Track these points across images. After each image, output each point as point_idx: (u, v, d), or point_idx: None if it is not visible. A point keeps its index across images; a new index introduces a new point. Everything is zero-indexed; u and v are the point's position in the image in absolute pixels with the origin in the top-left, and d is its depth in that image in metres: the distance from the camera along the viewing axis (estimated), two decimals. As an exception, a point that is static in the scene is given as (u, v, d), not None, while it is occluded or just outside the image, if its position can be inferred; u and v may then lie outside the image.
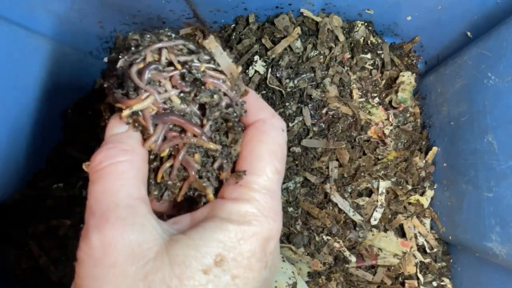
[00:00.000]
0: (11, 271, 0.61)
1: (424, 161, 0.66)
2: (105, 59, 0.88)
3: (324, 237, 0.62)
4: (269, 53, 0.67)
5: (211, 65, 0.29)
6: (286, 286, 0.55)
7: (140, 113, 0.27)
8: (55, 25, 0.67)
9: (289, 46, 0.67)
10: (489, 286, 0.55)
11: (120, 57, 0.29)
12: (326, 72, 0.67)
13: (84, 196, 0.70)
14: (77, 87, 0.75)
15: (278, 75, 0.66)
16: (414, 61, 0.73)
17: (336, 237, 0.62)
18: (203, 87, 0.28)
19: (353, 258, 0.62)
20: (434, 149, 0.66)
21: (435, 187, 0.65)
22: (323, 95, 0.66)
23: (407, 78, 0.69)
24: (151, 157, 0.29)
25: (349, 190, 0.65)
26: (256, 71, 0.67)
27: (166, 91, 0.27)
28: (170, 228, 0.27)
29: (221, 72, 0.30)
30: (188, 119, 0.28)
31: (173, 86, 0.28)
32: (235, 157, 0.30)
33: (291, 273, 0.57)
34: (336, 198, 0.63)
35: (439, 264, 0.63)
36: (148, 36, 0.29)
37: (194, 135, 0.28)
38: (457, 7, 0.60)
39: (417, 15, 0.65)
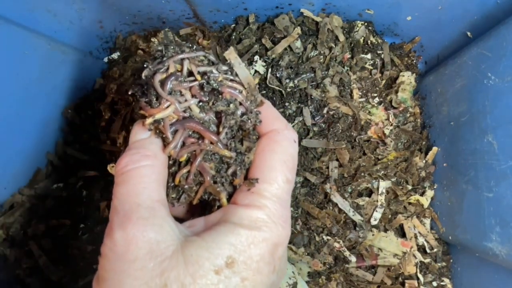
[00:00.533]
0: (11, 271, 0.61)
1: (424, 161, 0.66)
2: (105, 59, 0.89)
3: (324, 237, 0.62)
4: (269, 53, 0.67)
5: (229, 76, 0.31)
6: (287, 286, 0.55)
7: (161, 121, 0.29)
8: (55, 25, 0.67)
9: (289, 46, 0.67)
10: (489, 286, 0.55)
11: (145, 66, 0.30)
12: (326, 72, 0.67)
13: (84, 196, 0.70)
14: (77, 87, 0.75)
15: (278, 75, 0.66)
16: (414, 61, 0.73)
17: (336, 237, 0.62)
18: (220, 96, 0.30)
19: (353, 258, 0.62)
20: (434, 149, 0.66)
21: (435, 187, 0.65)
22: (323, 95, 0.66)
23: (407, 78, 0.69)
24: (170, 162, 0.31)
25: (349, 190, 0.65)
26: (256, 71, 0.67)
27: (186, 100, 0.29)
28: (185, 230, 0.28)
29: (238, 82, 0.31)
30: (206, 127, 0.30)
31: (193, 96, 0.29)
32: (248, 164, 0.31)
33: (291, 273, 0.57)
34: (336, 198, 0.63)
35: (439, 264, 0.63)
36: (172, 47, 0.31)
37: (211, 142, 0.29)
38: (457, 7, 0.60)
39: (417, 15, 0.65)
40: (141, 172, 0.27)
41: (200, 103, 0.30)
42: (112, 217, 0.26)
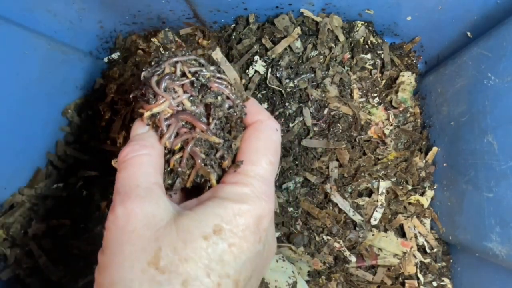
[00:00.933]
0: (11, 271, 0.61)
1: (424, 161, 0.66)
2: (105, 59, 0.88)
3: (324, 237, 0.62)
4: (269, 53, 0.67)
5: (216, 74, 0.35)
6: (286, 285, 0.55)
7: (157, 115, 0.33)
8: (55, 25, 0.67)
9: (289, 46, 0.67)
10: (489, 286, 0.55)
11: (144, 69, 0.35)
12: (326, 72, 0.67)
13: (84, 196, 0.70)
14: (77, 87, 0.75)
15: (278, 75, 0.66)
16: (414, 61, 0.73)
17: (336, 237, 0.62)
18: (208, 90, 0.34)
19: (353, 258, 0.62)
20: (434, 149, 0.66)
21: (435, 187, 0.65)
22: (323, 95, 0.66)
23: (407, 78, 0.69)
24: (166, 151, 0.34)
25: (349, 190, 0.65)
26: (256, 71, 0.67)
27: (178, 96, 0.33)
28: (179, 208, 0.32)
29: (225, 79, 0.35)
30: (197, 117, 0.33)
31: (185, 92, 0.33)
32: (235, 150, 0.35)
33: (291, 272, 0.57)
34: (336, 198, 0.63)
35: (439, 264, 0.63)
36: (167, 53, 0.35)
37: (201, 131, 0.33)
38: (457, 7, 0.60)
39: (417, 15, 0.65)
40: (140, 159, 0.31)
41: (191, 98, 0.33)
42: (115, 197, 0.30)
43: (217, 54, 0.36)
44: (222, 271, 0.27)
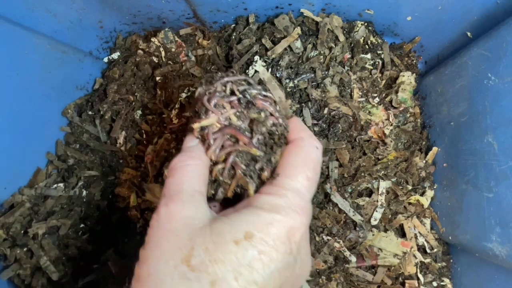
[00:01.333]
0: (11, 271, 0.61)
1: (424, 161, 0.66)
2: (105, 59, 0.88)
3: (324, 237, 0.62)
4: (269, 53, 0.67)
5: (262, 92, 0.37)
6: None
7: (206, 129, 0.36)
8: (55, 25, 0.67)
9: (289, 46, 0.67)
10: (489, 286, 0.55)
11: (199, 87, 0.38)
12: (326, 72, 0.67)
13: (84, 196, 0.70)
14: (77, 87, 0.75)
15: (278, 75, 0.66)
16: (414, 61, 0.73)
17: (336, 237, 0.62)
18: (254, 107, 0.36)
19: (353, 258, 0.62)
20: (434, 149, 0.66)
21: (435, 187, 0.65)
22: (323, 95, 0.66)
23: (407, 78, 0.69)
24: (211, 163, 0.37)
25: (349, 190, 0.65)
26: (256, 71, 0.67)
27: (226, 111, 0.36)
28: (217, 215, 0.34)
29: (270, 97, 0.38)
30: (241, 132, 0.36)
31: (232, 108, 0.36)
32: (275, 164, 0.37)
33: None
34: (336, 198, 0.63)
35: (439, 264, 0.63)
36: (219, 73, 0.39)
37: (244, 144, 0.35)
38: (457, 7, 0.60)
39: (417, 15, 0.65)
40: (187, 168, 0.34)
41: (237, 113, 0.36)
42: (161, 200, 0.33)
43: (265, 74, 0.40)
44: (250, 277, 0.28)
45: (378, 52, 0.70)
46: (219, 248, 0.28)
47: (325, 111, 0.66)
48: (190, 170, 0.34)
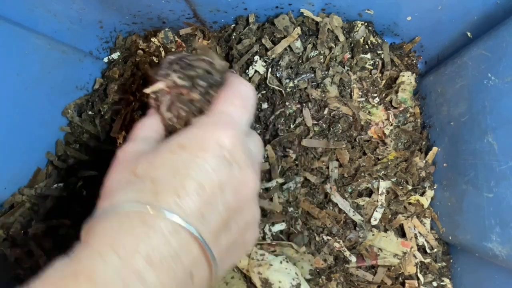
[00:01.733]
0: (11, 271, 0.61)
1: (424, 161, 0.66)
2: (105, 59, 0.88)
3: (324, 237, 0.62)
4: (269, 53, 0.67)
5: (199, 56, 0.43)
6: (290, 287, 0.56)
7: (158, 92, 0.42)
8: (55, 25, 0.67)
9: (289, 46, 0.67)
10: (489, 286, 0.55)
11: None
12: (326, 72, 0.67)
13: (84, 196, 0.70)
14: (77, 87, 0.75)
15: (278, 75, 0.66)
16: (414, 61, 0.73)
17: (336, 237, 0.62)
18: (192, 67, 0.42)
19: (353, 258, 0.62)
20: (434, 149, 0.66)
21: (435, 187, 0.65)
22: (323, 95, 0.66)
23: (407, 78, 0.69)
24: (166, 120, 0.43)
25: (349, 190, 0.65)
26: (256, 71, 0.67)
27: (171, 77, 0.41)
28: None
29: (205, 59, 0.42)
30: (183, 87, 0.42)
31: (175, 72, 0.42)
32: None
33: (295, 274, 0.57)
34: (336, 198, 0.63)
35: (439, 264, 0.63)
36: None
37: (185, 94, 0.41)
38: (457, 7, 0.60)
39: (417, 15, 0.65)
40: (142, 123, 0.42)
41: (181, 76, 0.41)
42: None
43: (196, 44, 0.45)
44: (186, 172, 0.33)
45: (378, 52, 0.70)
46: (157, 158, 0.34)
47: (325, 111, 0.66)
48: (144, 124, 0.42)
